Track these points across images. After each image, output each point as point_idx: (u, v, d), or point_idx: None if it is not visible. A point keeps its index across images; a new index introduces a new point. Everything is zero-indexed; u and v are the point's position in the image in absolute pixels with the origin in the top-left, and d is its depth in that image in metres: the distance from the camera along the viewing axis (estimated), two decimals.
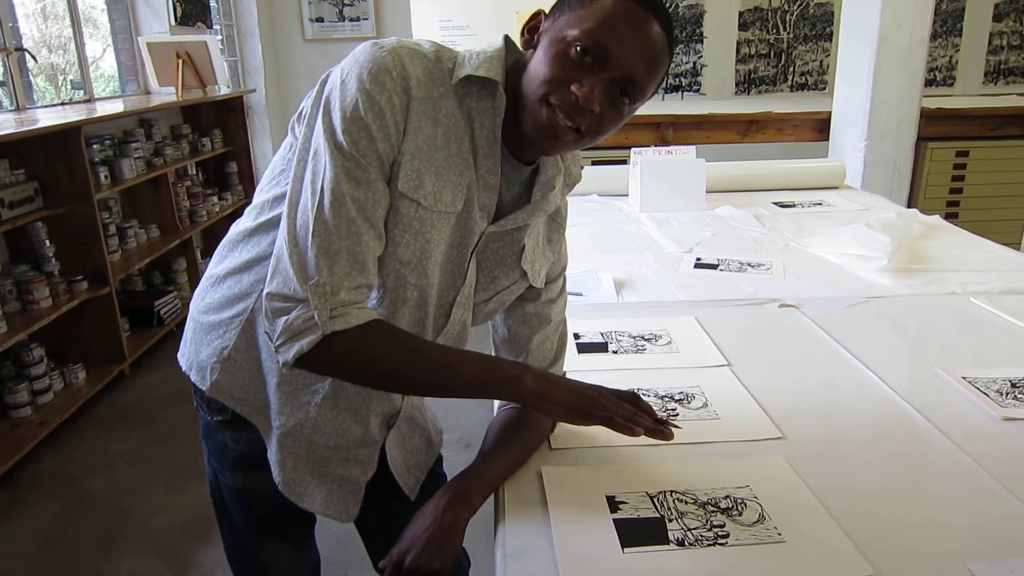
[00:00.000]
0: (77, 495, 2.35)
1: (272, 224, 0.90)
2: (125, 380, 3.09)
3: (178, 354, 1.03)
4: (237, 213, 4.32)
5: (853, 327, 1.44)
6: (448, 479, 1.03)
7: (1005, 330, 1.41)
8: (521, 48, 0.90)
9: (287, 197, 0.84)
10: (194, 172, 4.07)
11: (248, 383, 0.95)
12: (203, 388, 0.96)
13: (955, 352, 1.33)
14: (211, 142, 4.15)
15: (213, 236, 4.23)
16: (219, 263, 0.97)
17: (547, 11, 0.88)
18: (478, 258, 0.93)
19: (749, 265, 1.81)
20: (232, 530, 1.10)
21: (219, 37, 4.75)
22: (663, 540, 0.85)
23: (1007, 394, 1.17)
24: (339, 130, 0.81)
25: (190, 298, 1.03)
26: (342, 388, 0.90)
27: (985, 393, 1.17)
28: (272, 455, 0.96)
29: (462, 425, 2.52)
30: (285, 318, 0.81)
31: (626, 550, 0.84)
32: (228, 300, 0.94)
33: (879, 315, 1.50)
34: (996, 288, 1.61)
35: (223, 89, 4.24)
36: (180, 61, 3.80)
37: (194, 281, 3.77)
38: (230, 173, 4.42)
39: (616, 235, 2.11)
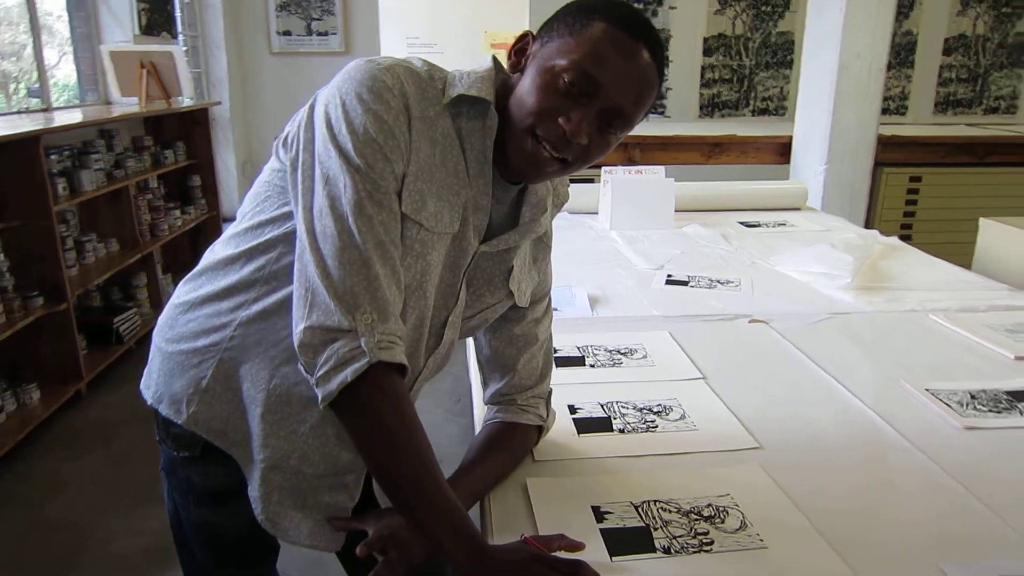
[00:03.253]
0: (32, 519, 2.27)
1: (258, 251, 0.88)
2: (82, 400, 2.99)
3: (141, 386, 0.96)
4: (200, 228, 4.28)
5: (820, 342, 1.48)
6: None
7: (962, 345, 1.47)
8: (508, 70, 0.90)
9: (302, 229, 0.81)
10: (156, 185, 4.00)
11: (228, 415, 0.89)
12: (178, 421, 0.90)
13: (917, 366, 1.38)
14: (174, 154, 4.08)
15: (175, 251, 4.16)
16: (194, 290, 0.92)
17: (535, 33, 0.88)
18: (467, 277, 0.93)
19: (718, 282, 1.85)
20: (193, 562, 1.05)
21: (184, 48, 4.70)
22: (649, 548, 0.87)
23: (967, 405, 1.21)
24: (353, 153, 0.79)
25: (151, 315, 1.00)
26: (330, 414, 0.84)
27: (948, 404, 1.21)
28: (254, 491, 0.90)
29: (433, 442, 2.50)
30: (332, 346, 0.78)
31: (614, 559, 0.85)
32: (205, 329, 0.89)
33: (844, 330, 1.55)
34: (953, 306, 1.67)
35: (187, 101, 4.19)
36: (144, 71, 3.74)
37: (155, 298, 3.69)
38: (193, 187, 4.35)
39: (588, 252, 2.14)
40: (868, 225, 3.32)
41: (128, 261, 3.44)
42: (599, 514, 0.93)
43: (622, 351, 1.43)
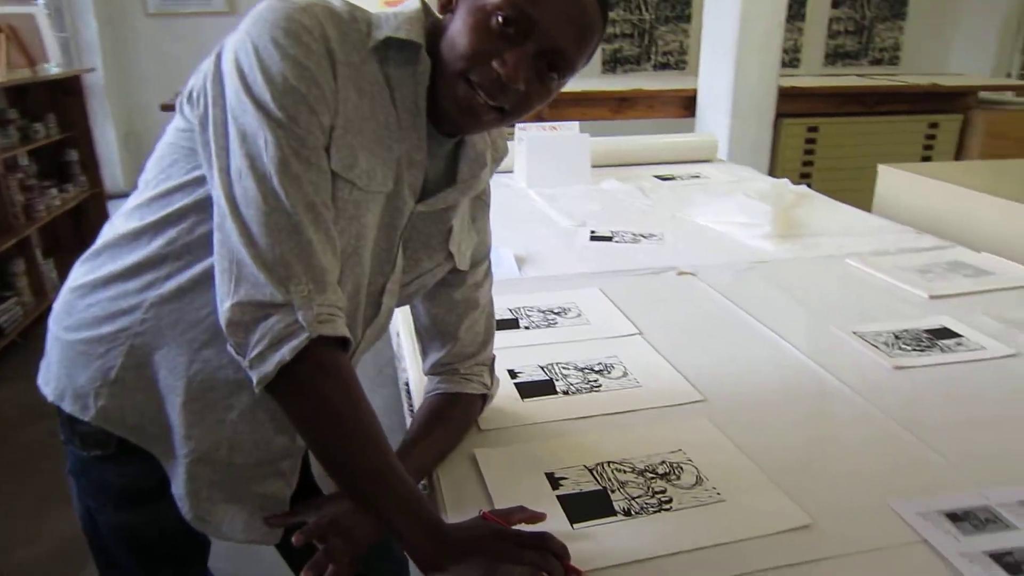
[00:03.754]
0: None
1: (167, 222, 0.78)
2: None
3: (39, 381, 0.86)
4: (82, 207, 3.96)
5: (748, 291, 1.49)
6: None
7: (880, 288, 1.52)
8: (438, 11, 0.83)
9: (219, 194, 0.72)
10: (27, 162, 3.65)
11: (143, 407, 0.81)
12: (85, 418, 0.81)
13: (841, 310, 1.41)
14: (45, 128, 3.73)
15: (55, 233, 3.84)
16: (93, 271, 0.82)
17: None
18: (404, 240, 0.86)
19: (642, 236, 1.85)
20: (113, 570, 0.95)
21: (46, 11, 4.28)
22: (609, 512, 0.84)
23: (893, 345, 1.25)
24: (272, 104, 0.71)
25: (33, 304, 0.88)
26: (264, 397, 0.76)
27: (875, 346, 1.25)
28: (180, 488, 0.82)
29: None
30: (264, 323, 0.70)
31: (575, 526, 0.82)
32: (110, 313, 0.80)
33: (769, 278, 1.57)
34: (866, 250, 1.72)
35: (54, 68, 3.83)
36: (3, 35, 3.39)
37: (36, 285, 3.39)
38: (70, 162, 4.00)
39: (509, 211, 2.09)
40: (771, 175, 3.42)
41: (3, 247, 3.14)
42: (554, 481, 0.90)
43: (555, 311, 1.39)
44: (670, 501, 0.86)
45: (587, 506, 0.85)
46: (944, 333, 1.29)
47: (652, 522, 0.83)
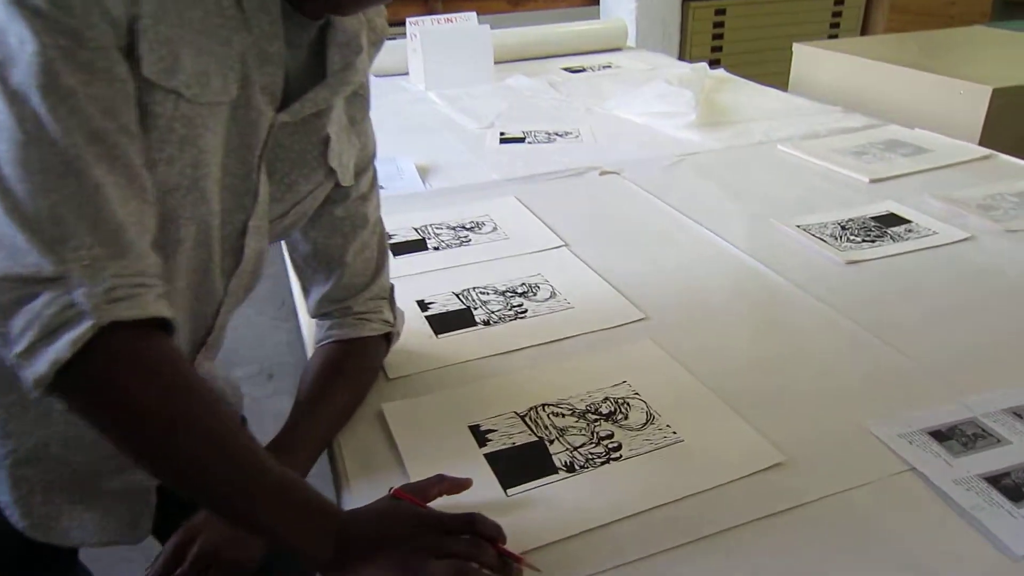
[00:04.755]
0: None
1: None
2: None
3: None
4: None
5: (678, 187, 1.35)
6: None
7: (817, 174, 1.40)
8: None
9: None
10: None
11: None
12: None
13: (781, 201, 1.28)
14: None
15: None
16: None
17: None
18: (268, 163, 0.66)
19: (557, 135, 1.66)
20: None
21: None
22: (549, 469, 0.70)
23: (840, 237, 1.14)
24: None
25: None
26: None
27: (822, 239, 1.13)
28: (4, 494, 0.66)
29: (260, 355, 2.22)
30: (29, 306, 0.49)
31: (510, 492, 0.67)
32: None
33: (699, 171, 1.42)
34: (796, 134, 1.60)
35: None
36: None
37: None
38: None
39: (407, 117, 1.86)
40: (683, 61, 3.26)
41: None
42: (480, 435, 0.74)
43: (467, 226, 1.21)
44: (619, 448, 0.72)
45: (522, 464, 0.70)
46: (892, 220, 1.19)
47: (600, 477, 0.69)
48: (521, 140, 1.64)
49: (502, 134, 1.68)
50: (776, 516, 0.64)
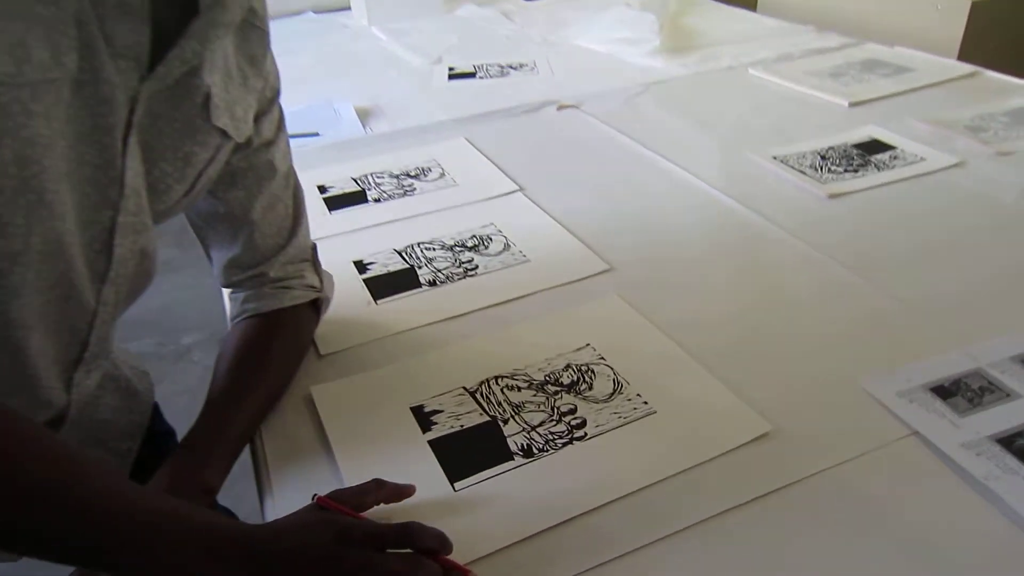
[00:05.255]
0: None
1: None
2: None
3: None
4: None
5: (644, 120, 1.23)
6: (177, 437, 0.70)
7: (792, 100, 1.29)
8: None
9: None
10: None
11: None
12: None
13: (755, 130, 1.18)
14: None
15: None
16: None
17: None
18: (145, 141, 0.53)
19: (511, 68, 1.53)
20: None
21: None
22: (504, 455, 0.60)
23: (821, 168, 1.04)
24: None
25: None
26: None
27: (801, 171, 1.03)
28: None
29: (209, 320, 2.09)
30: None
31: (458, 487, 0.58)
32: None
33: (665, 102, 1.31)
34: (768, 56, 1.49)
35: None
36: None
37: None
38: None
39: (347, 56, 1.71)
40: None
41: None
42: (423, 418, 0.64)
43: (412, 173, 1.09)
44: (583, 424, 0.63)
45: (472, 451, 0.61)
46: (875, 146, 1.09)
47: (562, 462, 0.59)
48: (471, 75, 1.51)
49: (451, 70, 1.54)
50: (765, 498, 0.55)
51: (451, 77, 1.50)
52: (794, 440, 0.60)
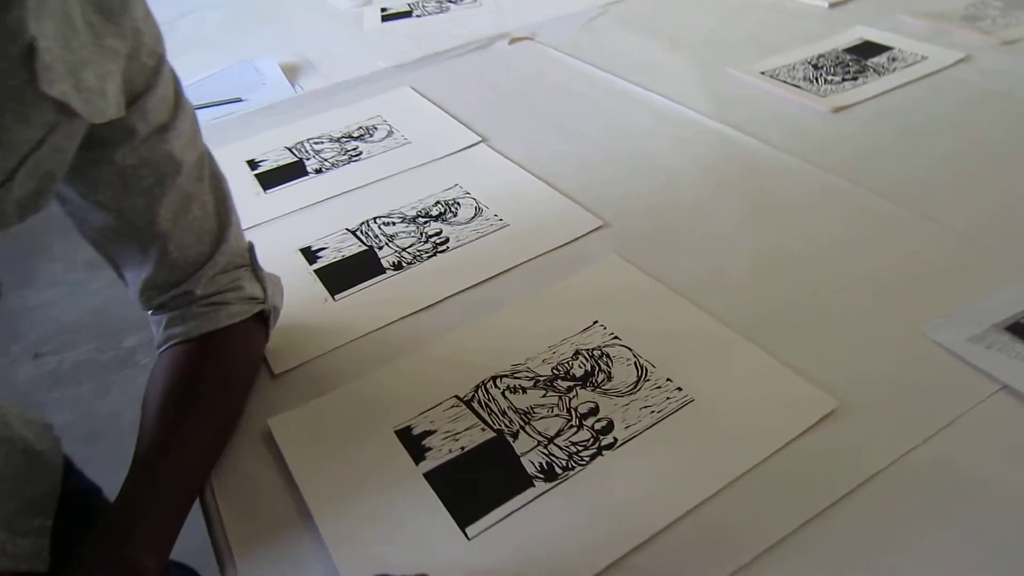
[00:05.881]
0: None
1: None
2: None
3: None
4: None
5: (607, 45, 1.10)
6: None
7: (764, 6, 1.16)
8: None
9: None
10: None
11: None
12: None
13: (732, 44, 1.05)
14: None
15: None
16: None
17: None
18: None
19: (450, 1, 1.37)
20: None
21: None
22: (521, 481, 0.49)
23: (816, 80, 0.92)
24: None
25: None
26: None
27: (795, 85, 0.91)
28: None
29: None
30: None
31: (470, 531, 0.46)
32: None
33: (627, 22, 1.17)
34: None
35: None
36: None
37: None
38: None
39: (263, 7, 1.51)
40: None
41: None
42: (414, 444, 0.52)
43: (355, 135, 0.95)
44: (609, 428, 0.51)
45: (481, 481, 0.49)
46: (869, 49, 0.98)
47: (594, 481, 0.48)
48: (407, 15, 1.34)
49: (383, 10, 1.37)
50: (849, 497, 0.45)
51: (384, 18, 1.33)
52: (866, 416, 0.50)
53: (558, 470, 0.49)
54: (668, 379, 0.54)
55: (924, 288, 0.60)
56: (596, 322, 0.60)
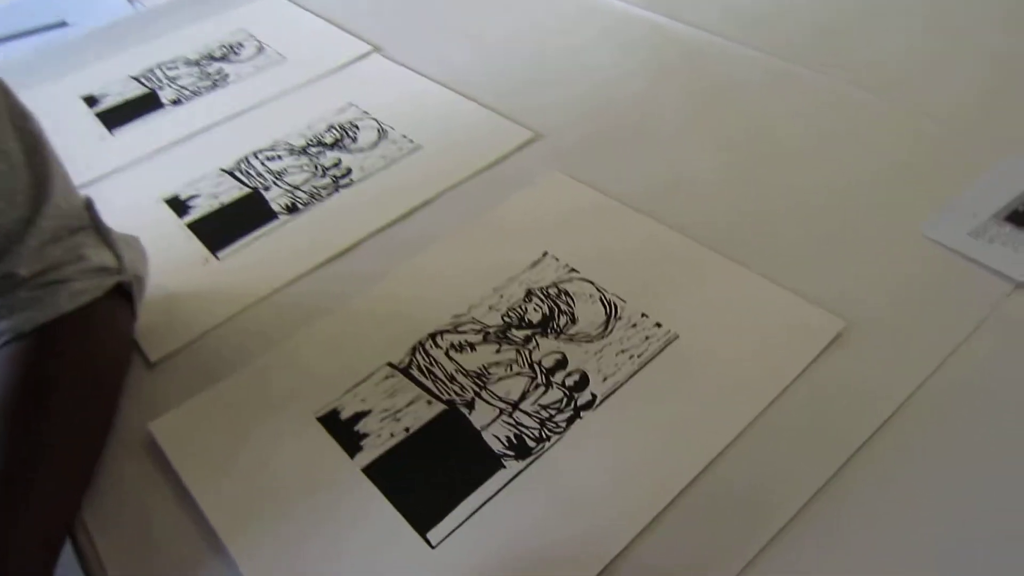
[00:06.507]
0: None
1: None
2: None
3: None
4: None
5: None
6: None
7: None
8: None
9: None
10: None
11: None
12: None
13: None
14: None
15: None
16: None
17: None
18: None
19: None
20: None
21: None
22: (490, 465, 0.39)
23: None
24: None
25: None
26: None
27: None
28: None
29: None
30: None
31: (433, 537, 0.36)
32: None
33: None
34: None
35: None
36: None
37: None
38: None
39: None
40: None
41: None
42: (344, 432, 0.41)
43: (217, 55, 0.79)
44: (584, 383, 0.42)
45: (434, 475, 0.39)
46: None
47: (574, 451, 0.39)
48: None
49: None
50: (878, 434, 0.38)
51: None
52: (878, 334, 0.42)
53: (530, 443, 0.39)
54: (643, 314, 0.45)
55: (909, 182, 0.52)
56: (546, 253, 0.50)
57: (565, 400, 0.41)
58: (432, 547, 0.36)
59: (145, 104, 0.72)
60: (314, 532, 0.37)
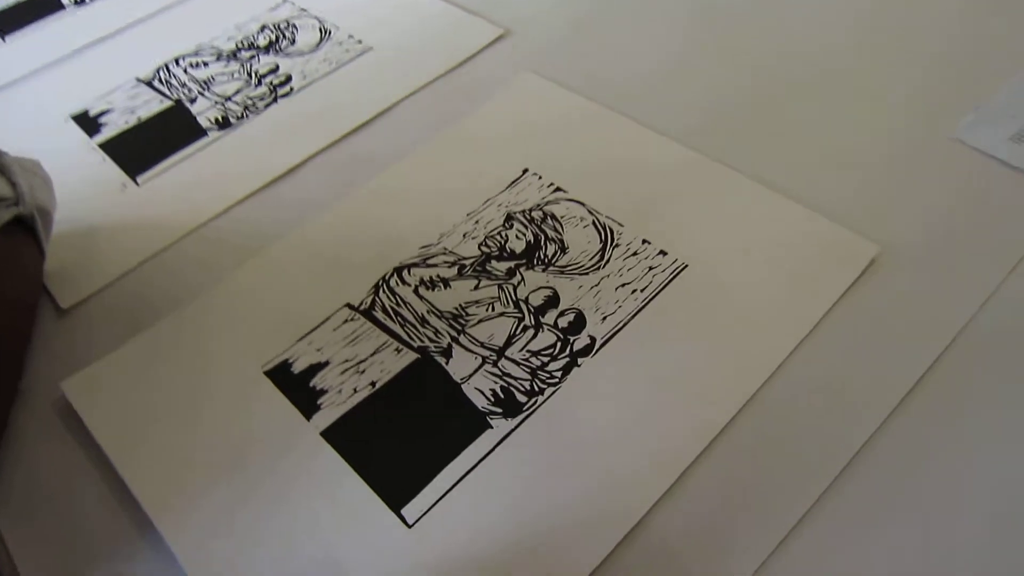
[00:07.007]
0: None
1: None
2: None
3: None
4: None
5: None
6: None
7: None
8: None
9: None
10: None
11: None
12: None
13: None
14: None
15: None
16: None
17: None
18: None
19: None
20: None
21: None
22: (474, 424, 0.33)
23: None
24: None
25: None
26: None
27: None
28: None
29: None
30: None
31: (408, 514, 0.30)
32: None
33: None
34: None
35: None
36: None
37: None
38: None
39: None
40: None
41: None
42: (298, 387, 0.35)
43: None
44: (581, 323, 0.36)
45: (409, 440, 0.33)
46: None
47: (569, 409, 0.33)
48: None
49: None
50: (931, 370, 0.33)
51: None
52: (918, 259, 0.37)
53: (520, 397, 0.33)
54: (644, 240, 0.39)
55: (936, 81, 0.46)
56: (527, 171, 0.43)
57: (559, 345, 0.35)
58: (409, 526, 0.30)
59: (42, 4, 0.61)
60: (264, 511, 0.31)
